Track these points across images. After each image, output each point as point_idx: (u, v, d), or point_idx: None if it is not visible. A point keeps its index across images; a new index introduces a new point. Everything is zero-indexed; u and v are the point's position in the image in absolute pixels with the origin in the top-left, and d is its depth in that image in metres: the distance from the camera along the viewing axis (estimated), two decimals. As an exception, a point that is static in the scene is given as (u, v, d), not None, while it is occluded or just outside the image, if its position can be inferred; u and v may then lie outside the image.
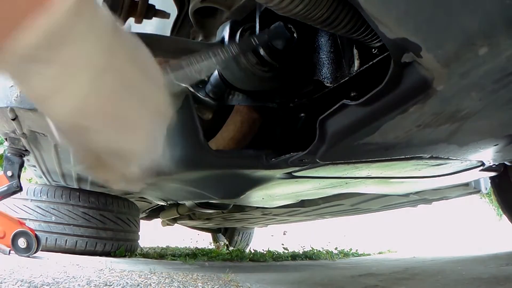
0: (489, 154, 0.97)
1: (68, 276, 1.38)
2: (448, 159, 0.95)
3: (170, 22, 1.15)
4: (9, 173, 2.05)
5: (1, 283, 1.15)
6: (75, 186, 2.60)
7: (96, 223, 2.62)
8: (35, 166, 2.44)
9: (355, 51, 0.83)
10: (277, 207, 2.00)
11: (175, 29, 1.15)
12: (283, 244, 4.11)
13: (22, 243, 2.00)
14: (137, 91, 0.40)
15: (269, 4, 0.62)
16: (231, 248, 4.36)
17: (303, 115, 1.03)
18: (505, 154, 0.99)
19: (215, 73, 0.96)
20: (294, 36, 0.87)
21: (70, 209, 2.57)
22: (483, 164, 1.10)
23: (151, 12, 1.06)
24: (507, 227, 2.52)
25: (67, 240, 2.51)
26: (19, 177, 2.08)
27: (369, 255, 3.99)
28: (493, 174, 1.34)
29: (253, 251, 3.76)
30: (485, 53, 0.49)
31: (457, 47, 0.50)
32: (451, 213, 7.21)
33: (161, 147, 0.44)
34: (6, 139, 2.06)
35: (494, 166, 1.20)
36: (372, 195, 1.87)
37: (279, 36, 0.84)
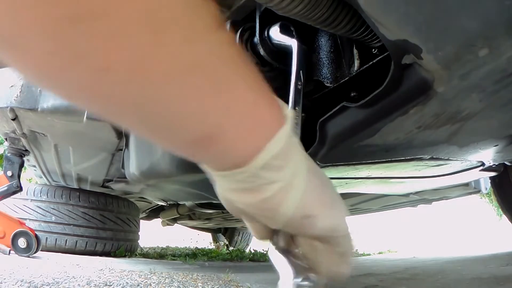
0: (489, 154, 0.97)
1: (68, 276, 1.38)
2: (448, 160, 0.95)
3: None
4: (9, 173, 2.05)
5: (1, 283, 1.15)
6: (75, 186, 2.60)
7: (96, 223, 2.62)
8: (35, 166, 2.44)
9: (355, 51, 0.82)
10: (277, 207, 2.00)
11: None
12: (283, 244, 4.11)
13: (22, 243, 2.00)
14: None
15: (269, 4, 0.62)
16: (231, 248, 4.36)
17: (303, 115, 1.03)
18: (505, 154, 0.99)
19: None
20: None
21: (70, 209, 2.57)
22: (483, 164, 1.10)
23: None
24: (507, 227, 2.52)
25: (67, 240, 2.51)
26: (19, 177, 2.08)
27: (369, 255, 3.99)
28: (493, 174, 1.34)
29: (253, 251, 3.76)
30: (485, 54, 0.49)
31: (458, 48, 0.50)
32: (451, 213, 7.22)
33: None
34: (6, 139, 2.06)
35: (494, 166, 1.20)
36: (372, 195, 1.87)
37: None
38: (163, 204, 2.73)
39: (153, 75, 0.30)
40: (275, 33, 0.82)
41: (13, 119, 1.68)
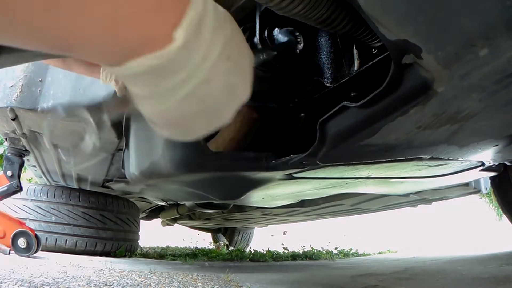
0: (489, 154, 0.97)
1: (68, 276, 1.38)
2: (448, 160, 0.95)
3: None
4: (9, 173, 2.05)
5: (1, 283, 1.15)
6: (75, 186, 2.60)
7: (96, 223, 2.62)
8: (35, 166, 2.44)
9: (355, 51, 0.83)
10: (277, 207, 2.00)
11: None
12: (283, 244, 4.12)
13: (22, 243, 2.00)
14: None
15: (269, 4, 0.62)
16: (231, 248, 4.36)
17: (303, 115, 1.03)
18: (505, 154, 0.99)
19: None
20: (300, 44, 0.87)
21: (70, 209, 2.57)
22: (483, 164, 1.10)
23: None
24: (507, 227, 2.52)
25: (67, 240, 2.51)
26: (19, 177, 2.08)
27: (369, 255, 4.00)
28: (493, 174, 1.34)
29: (253, 251, 3.76)
30: (485, 54, 0.49)
31: (458, 48, 0.50)
32: (451, 213, 7.22)
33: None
34: (6, 139, 2.06)
35: (494, 166, 1.20)
36: (372, 195, 1.87)
37: (288, 51, 0.85)
38: (163, 204, 2.73)
39: None
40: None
41: (13, 119, 1.68)
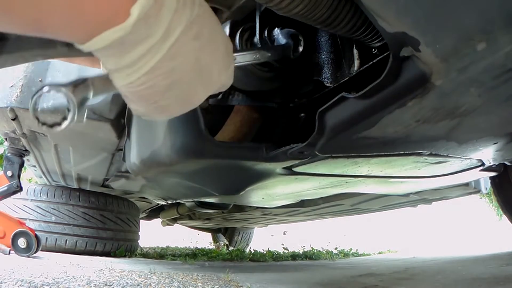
0: (488, 152, 0.97)
1: (68, 276, 1.38)
2: (447, 156, 0.95)
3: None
4: (9, 173, 2.05)
5: (1, 283, 1.15)
6: (75, 186, 2.60)
7: (96, 223, 2.62)
8: (35, 166, 2.44)
9: (355, 51, 0.83)
10: (277, 207, 2.00)
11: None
12: (283, 244, 4.12)
13: (22, 243, 2.00)
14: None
15: (269, 4, 0.62)
16: (231, 248, 4.36)
17: (303, 115, 1.03)
18: (505, 153, 0.99)
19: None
20: (301, 46, 0.87)
21: (70, 209, 2.58)
22: (483, 164, 1.10)
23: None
24: (507, 227, 2.52)
25: (67, 240, 2.51)
26: (19, 177, 2.08)
27: (369, 255, 4.00)
28: (493, 174, 1.34)
29: (253, 251, 3.76)
30: (483, 48, 0.49)
31: (455, 42, 0.50)
32: (451, 213, 7.22)
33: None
34: (6, 139, 2.06)
35: (494, 166, 1.20)
36: (372, 195, 1.87)
37: (286, 54, 0.84)
38: (163, 203, 2.73)
39: None
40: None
41: (13, 119, 1.68)
